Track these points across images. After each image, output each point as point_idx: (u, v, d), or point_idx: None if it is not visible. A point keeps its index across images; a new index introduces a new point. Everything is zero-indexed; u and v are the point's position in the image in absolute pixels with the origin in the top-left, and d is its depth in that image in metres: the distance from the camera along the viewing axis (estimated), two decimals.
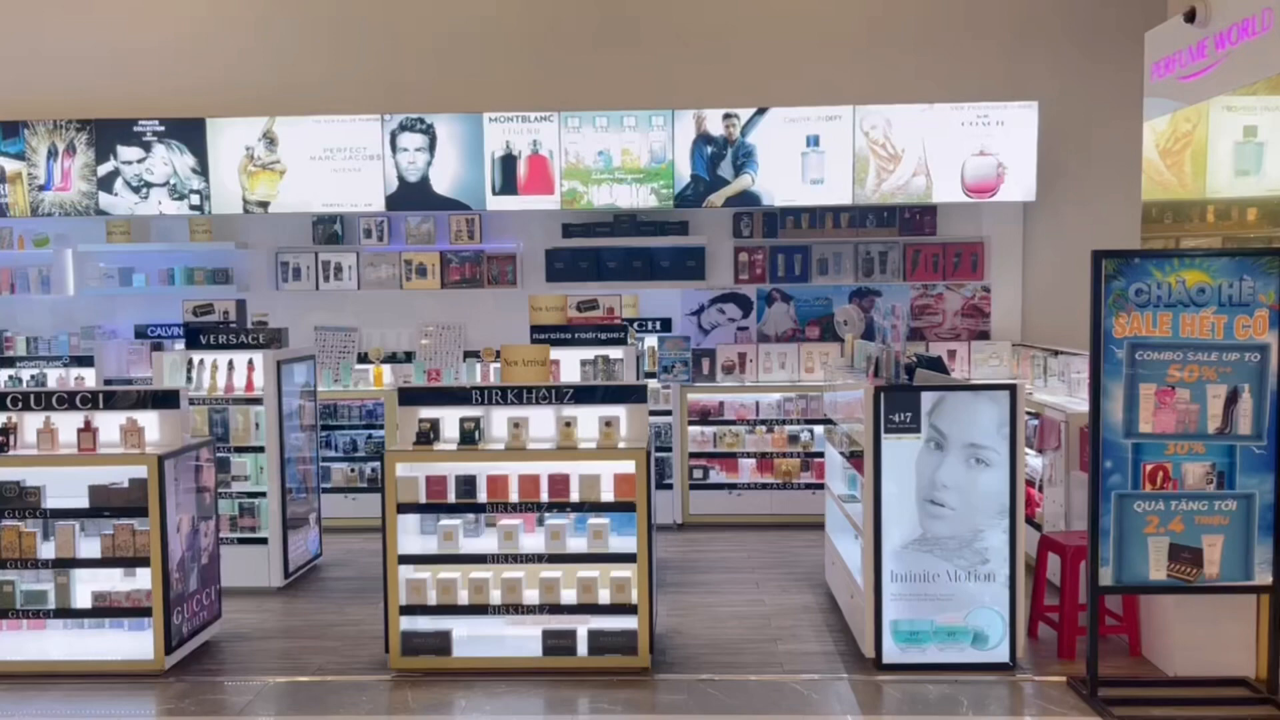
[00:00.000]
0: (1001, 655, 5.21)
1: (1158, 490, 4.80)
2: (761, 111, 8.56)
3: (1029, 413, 6.62)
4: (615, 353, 7.33)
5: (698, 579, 6.94)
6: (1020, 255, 9.00)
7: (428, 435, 5.40)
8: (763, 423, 8.56)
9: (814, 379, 8.63)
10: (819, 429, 8.41)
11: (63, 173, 8.75)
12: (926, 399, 5.12)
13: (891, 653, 5.23)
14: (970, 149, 8.51)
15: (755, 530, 8.27)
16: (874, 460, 5.17)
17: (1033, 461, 6.80)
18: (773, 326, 9.09)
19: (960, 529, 5.15)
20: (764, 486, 8.48)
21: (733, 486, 8.49)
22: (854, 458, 5.69)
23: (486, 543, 5.49)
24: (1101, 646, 5.02)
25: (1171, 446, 4.78)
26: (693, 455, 8.49)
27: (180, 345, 7.30)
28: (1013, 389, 5.13)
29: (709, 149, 8.58)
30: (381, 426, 8.62)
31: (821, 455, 8.11)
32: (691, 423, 8.52)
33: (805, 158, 8.55)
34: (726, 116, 8.55)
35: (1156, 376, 4.77)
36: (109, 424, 5.49)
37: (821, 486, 7.73)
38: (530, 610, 5.32)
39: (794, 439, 8.51)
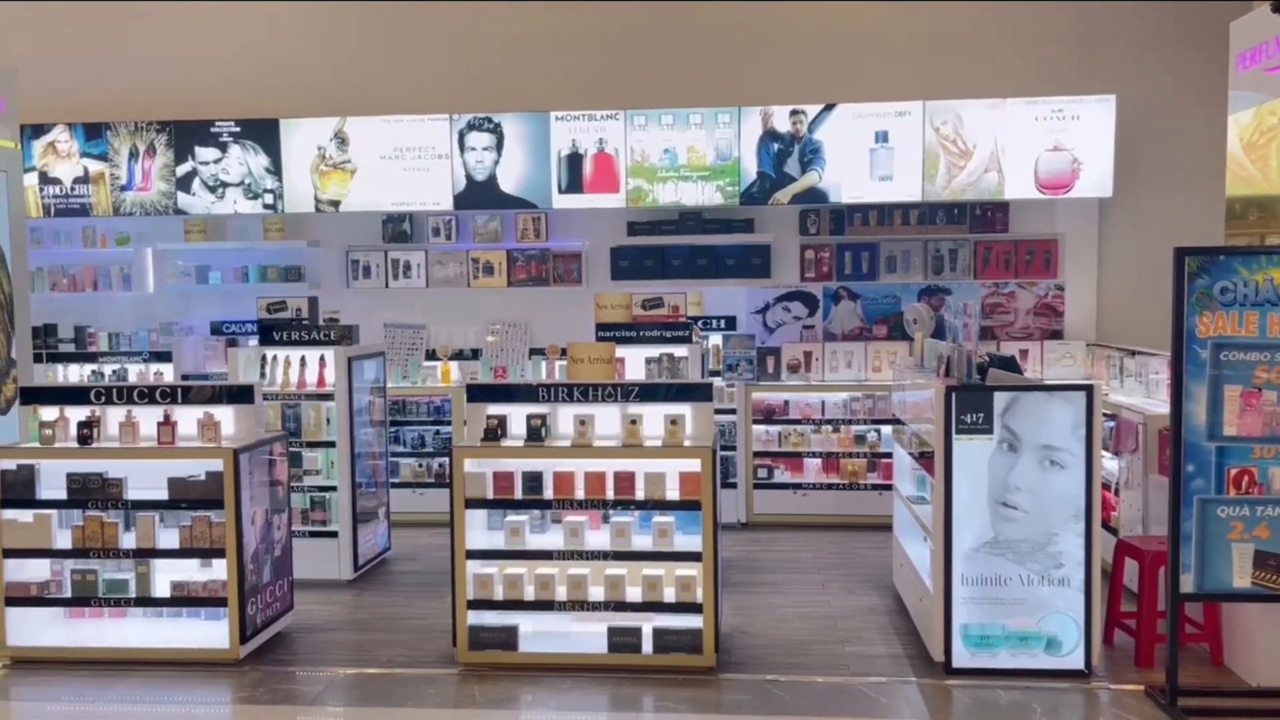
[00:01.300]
0: (1076, 662, 5.09)
1: (1242, 495, 4.64)
2: (829, 108, 8.47)
3: (1105, 414, 6.45)
4: (680, 351, 7.31)
5: (762, 579, 6.90)
6: (1096, 252, 8.78)
7: (495, 432, 5.45)
8: (828, 422, 8.47)
9: (881, 378, 8.52)
10: (886, 429, 8.30)
11: (143, 173, 9.01)
12: (999, 399, 5.02)
13: (961, 657, 5.14)
14: (1044, 144, 8.32)
15: (820, 531, 8.19)
16: (944, 461, 5.08)
17: (1109, 464, 6.63)
18: (839, 325, 8.99)
19: (1033, 532, 5.04)
20: (829, 487, 8.39)
21: (798, 486, 8.42)
22: (923, 458, 5.60)
23: (552, 539, 5.51)
24: (1181, 655, 4.87)
25: (1258, 450, 4.63)
26: (757, 454, 8.44)
27: (254, 341, 7.47)
28: (1089, 389, 5.00)
29: (775, 146, 8.51)
30: (449, 423, 8.72)
31: (889, 456, 8.00)
32: (756, 421, 8.47)
33: (874, 154, 8.44)
34: (794, 113, 8.48)
35: (1242, 378, 4.61)
36: (187, 418, 5.63)
37: (888, 487, 7.64)
38: (595, 607, 5.33)
39: (860, 439, 8.42)
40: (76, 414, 5.67)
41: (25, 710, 5.08)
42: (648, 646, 5.28)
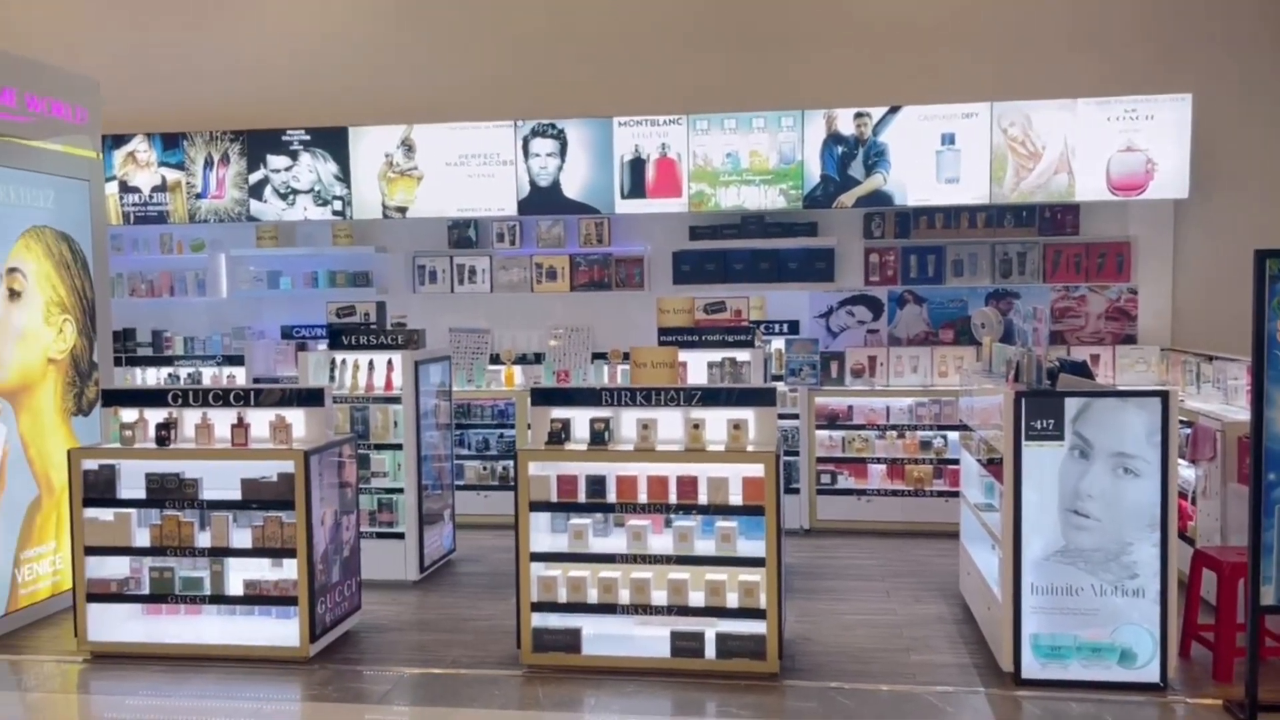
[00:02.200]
0: (1151, 675, 4.96)
1: None
2: (895, 110, 8.38)
3: (1182, 421, 6.28)
4: (742, 355, 7.29)
5: (826, 585, 6.84)
6: (1170, 255, 8.55)
7: (559, 435, 5.48)
8: (893, 428, 8.37)
9: (948, 383, 8.39)
10: (953, 435, 8.18)
11: (217, 181, 9.25)
12: (1071, 405, 4.92)
13: (1031, 668, 5.04)
14: (1116, 145, 8.14)
15: (885, 537, 8.09)
16: (1014, 468, 4.99)
17: (1185, 472, 6.45)
18: (904, 329, 8.89)
19: (1106, 541, 4.93)
20: (894, 493, 8.29)
21: (862, 492, 8.33)
22: (992, 465, 5.50)
23: (615, 542, 5.53)
24: (1261, 669, 4.71)
25: None
26: (820, 460, 8.37)
27: (324, 345, 7.61)
28: (1164, 395, 4.88)
29: (839, 149, 8.45)
30: (512, 426, 8.80)
31: (955, 462, 7.88)
32: (819, 427, 8.40)
33: (940, 156, 8.33)
34: (858, 116, 8.41)
35: None
36: (259, 420, 5.76)
37: (955, 494, 7.52)
38: (659, 611, 5.34)
39: (926, 445, 8.30)
40: (155, 416, 5.83)
41: (106, 703, 5.24)
42: (711, 651, 5.27)
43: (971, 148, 8.29)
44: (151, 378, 9.29)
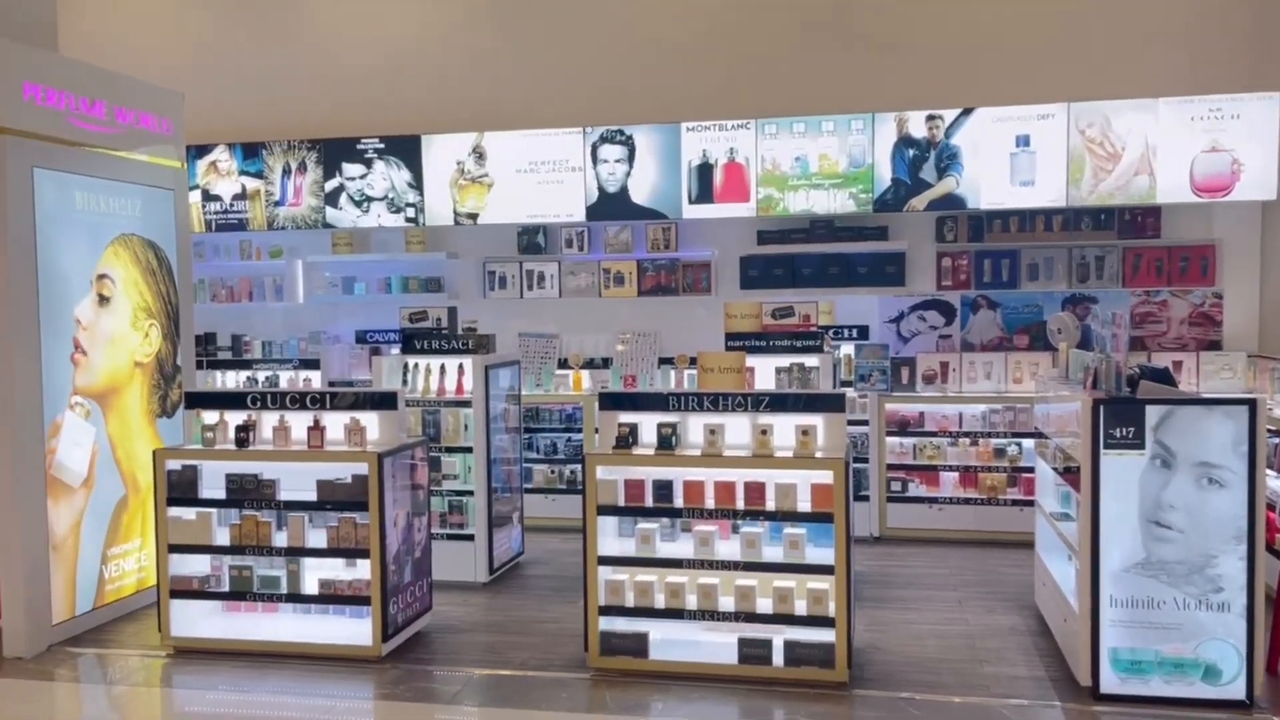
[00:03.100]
0: (1237, 692, 4.79)
1: None
2: (967, 112, 8.25)
3: (1270, 430, 6.06)
4: (811, 360, 7.23)
5: (896, 594, 6.75)
6: (1259, 258, 8.27)
7: (626, 440, 5.50)
8: (966, 435, 8.23)
9: (1023, 390, 8.22)
10: (1028, 442, 8.00)
11: (295, 189, 9.48)
12: (1152, 413, 4.78)
13: (1110, 683, 4.91)
14: (1200, 145, 7.90)
15: (957, 546, 7.96)
16: (1092, 477, 4.87)
17: (1274, 484, 6.22)
18: (978, 334, 8.73)
19: (1189, 553, 4.78)
20: (967, 501, 8.14)
21: (933, 500, 8.20)
22: (1068, 474, 5.38)
23: (682, 547, 5.53)
24: None
25: None
26: (891, 467, 8.26)
27: (397, 350, 7.74)
28: (1252, 403, 4.71)
29: (911, 152, 8.34)
30: (580, 430, 8.85)
31: (1030, 470, 7.73)
32: (889, 433, 8.29)
33: (1014, 158, 8.18)
34: (930, 118, 8.29)
35: None
36: (334, 423, 5.89)
37: (1030, 503, 7.37)
38: (725, 617, 5.32)
39: (1000, 452, 8.14)
40: (234, 418, 6.00)
41: (188, 697, 5.39)
42: (778, 659, 5.23)
43: (1047, 149, 8.13)
44: (231, 381, 9.54)
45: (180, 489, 5.90)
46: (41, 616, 5.97)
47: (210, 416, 6.03)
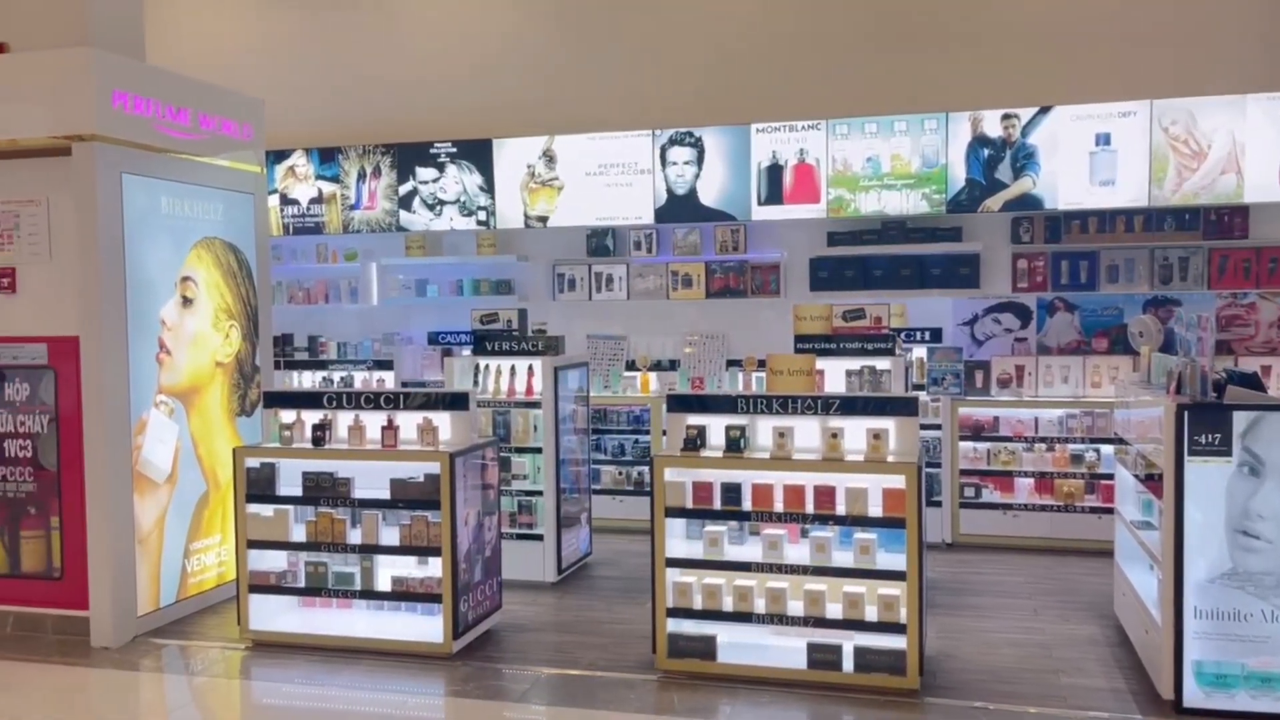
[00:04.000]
0: None
1: None
2: (1045, 110, 8.08)
3: None
4: (882, 363, 7.12)
5: (969, 601, 6.63)
6: None
7: (694, 442, 5.49)
8: (1042, 440, 8.05)
9: (1102, 394, 8.01)
10: (1107, 448, 7.80)
11: (369, 193, 9.66)
12: (1239, 419, 4.63)
13: (1194, 696, 4.76)
14: None
15: (1032, 554, 7.79)
16: (1175, 484, 4.73)
17: None
18: (1054, 337, 8.53)
19: (1279, 564, 4.61)
20: (1043, 508, 7.96)
21: (1008, 506, 8.03)
22: (1150, 481, 5.23)
23: (751, 550, 5.50)
24: None
25: None
26: (964, 472, 8.11)
27: (468, 351, 7.84)
28: None
29: (985, 151, 8.20)
30: (647, 432, 8.86)
31: (1110, 477, 7.53)
32: (963, 438, 8.15)
33: (1094, 157, 7.98)
34: (1005, 117, 8.14)
35: None
36: (407, 423, 5.98)
37: (1109, 510, 7.18)
38: (794, 621, 5.28)
39: (1077, 458, 7.94)
40: (311, 417, 6.13)
41: (265, 689, 5.53)
42: (848, 665, 5.17)
43: (1129, 148, 7.92)
44: (307, 381, 9.76)
45: (259, 486, 6.04)
46: (127, 608, 6.17)
47: (288, 415, 6.17)
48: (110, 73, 6.10)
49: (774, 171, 8.64)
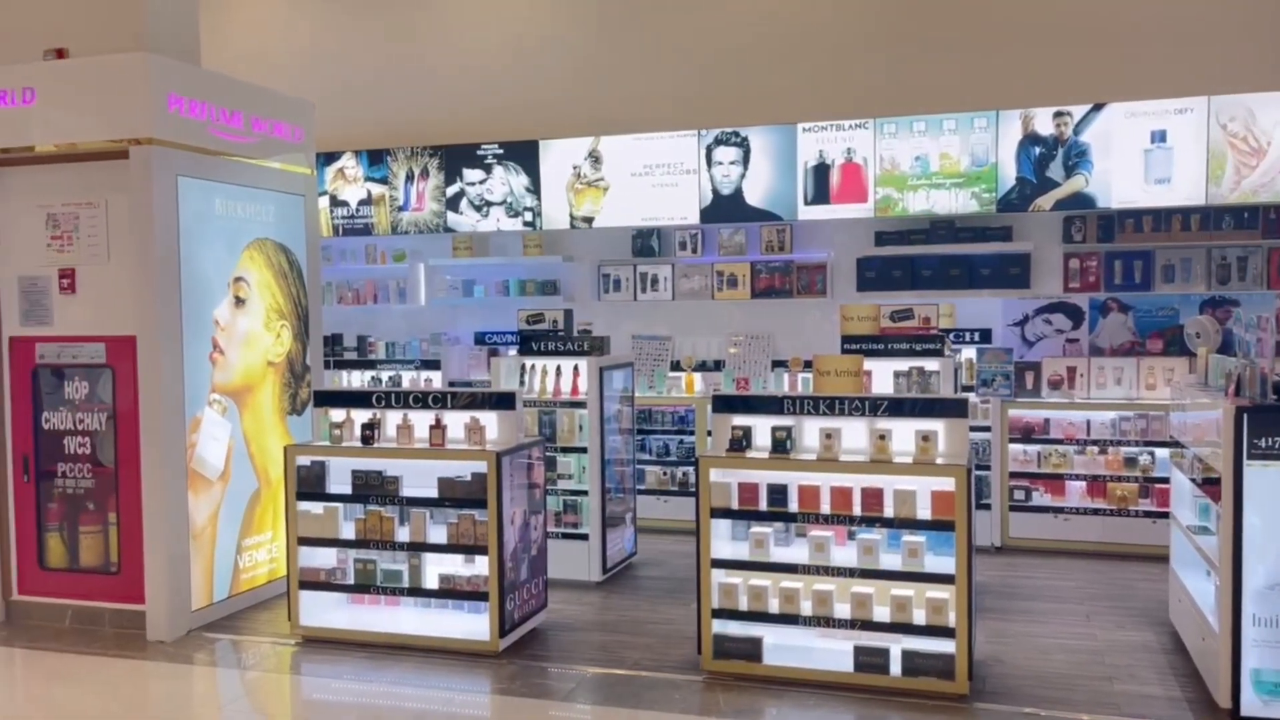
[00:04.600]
0: None
1: None
2: (1098, 107, 7.94)
3: None
4: (931, 364, 7.06)
5: (1019, 606, 6.53)
6: None
7: (740, 443, 5.47)
8: (1094, 443, 7.91)
9: (1156, 396, 7.86)
10: (1162, 451, 7.65)
11: (417, 194, 9.76)
12: None
13: (1252, 705, 4.65)
14: None
15: (1084, 558, 7.66)
16: (1234, 489, 4.62)
17: None
18: (1107, 338, 8.38)
19: None
20: (1095, 512, 7.83)
21: (1059, 510, 7.91)
22: (1207, 485, 5.12)
23: (797, 552, 5.47)
24: None
25: None
26: (1014, 475, 8.00)
27: (514, 351, 7.88)
28: None
29: (1037, 150, 8.08)
30: (692, 432, 8.85)
31: (1165, 480, 7.37)
32: (1013, 440, 8.04)
33: (1149, 155, 7.83)
34: (1057, 114, 8.01)
35: None
36: (455, 422, 6.03)
37: (1164, 515, 7.05)
38: (841, 624, 5.24)
39: (1131, 461, 7.80)
40: (360, 416, 6.20)
41: (316, 685, 5.60)
42: (896, 668, 5.13)
43: (1185, 145, 7.76)
44: (356, 380, 9.87)
45: (309, 484, 6.13)
46: (182, 603, 6.29)
47: (337, 414, 6.25)
48: (166, 77, 6.22)
49: (820, 171, 8.59)
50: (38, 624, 6.50)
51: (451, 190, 9.62)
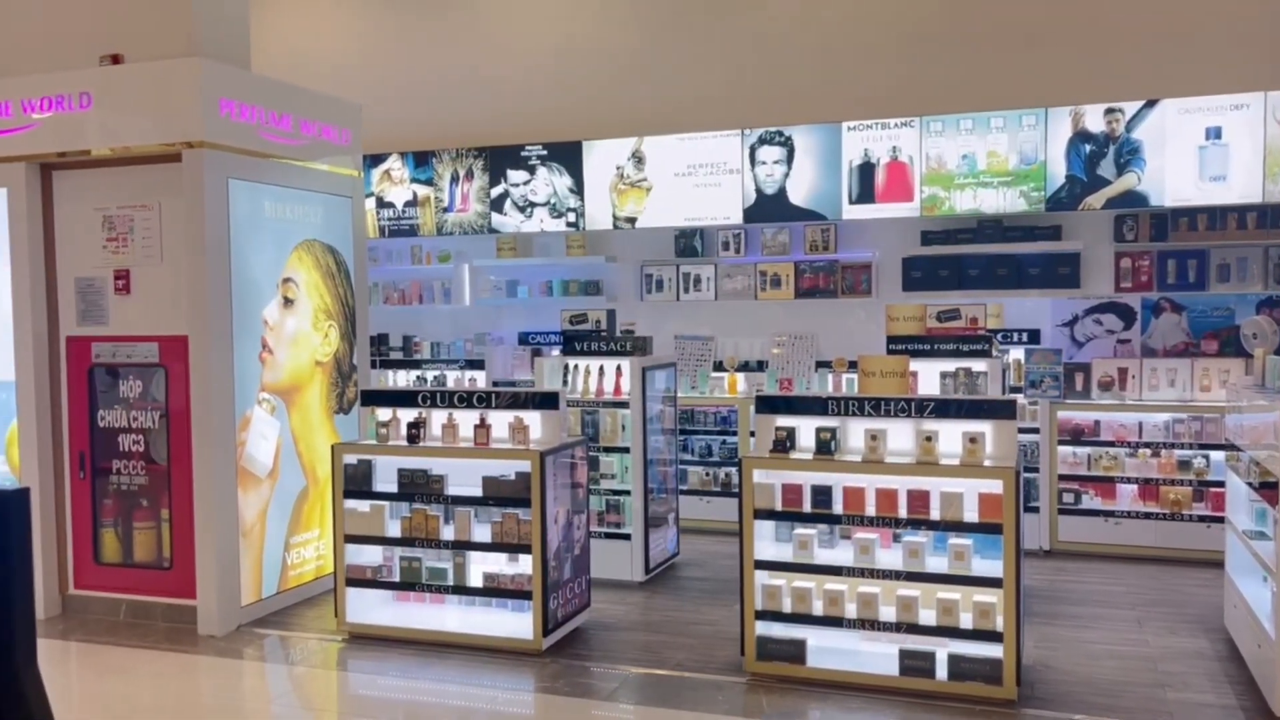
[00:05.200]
0: None
1: None
2: (1151, 104, 7.80)
3: None
4: (978, 365, 6.96)
5: (1068, 611, 6.43)
6: None
7: (784, 444, 5.44)
8: (1146, 445, 7.76)
9: (1211, 398, 7.70)
10: (1216, 455, 7.49)
11: (462, 196, 9.83)
12: None
13: None
14: None
15: (1135, 563, 7.52)
16: None
17: None
18: (1160, 339, 8.22)
19: None
20: (1147, 516, 7.68)
21: (1109, 514, 7.77)
22: (1264, 489, 5.00)
23: (841, 554, 5.43)
24: None
25: None
26: (1063, 477, 7.87)
27: (557, 351, 7.91)
28: None
29: (1087, 147, 7.94)
30: (735, 433, 8.82)
31: (1220, 484, 7.22)
32: (1062, 442, 7.91)
33: (1203, 152, 7.67)
34: (1109, 111, 7.88)
35: None
36: (499, 421, 6.07)
37: (1219, 519, 6.91)
38: (886, 627, 5.19)
39: (1185, 465, 7.64)
40: (406, 415, 6.26)
41: (362, 681, 5.67)
42: (942, 672, 5.07)
43: (1241, 142, 7.59)
44: (402, 380, 9.97)
45: (356, 482, 6.19)
46: (232, 598, 6.39)
47: (384, 413, 6.32)
48: (218, 82, 6.32)
49: (866, 170, 8.52)
50: (94, 617, 6.65)
51: (496, 191, 9.68)
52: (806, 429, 5.49)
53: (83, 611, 6.72)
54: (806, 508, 5.36)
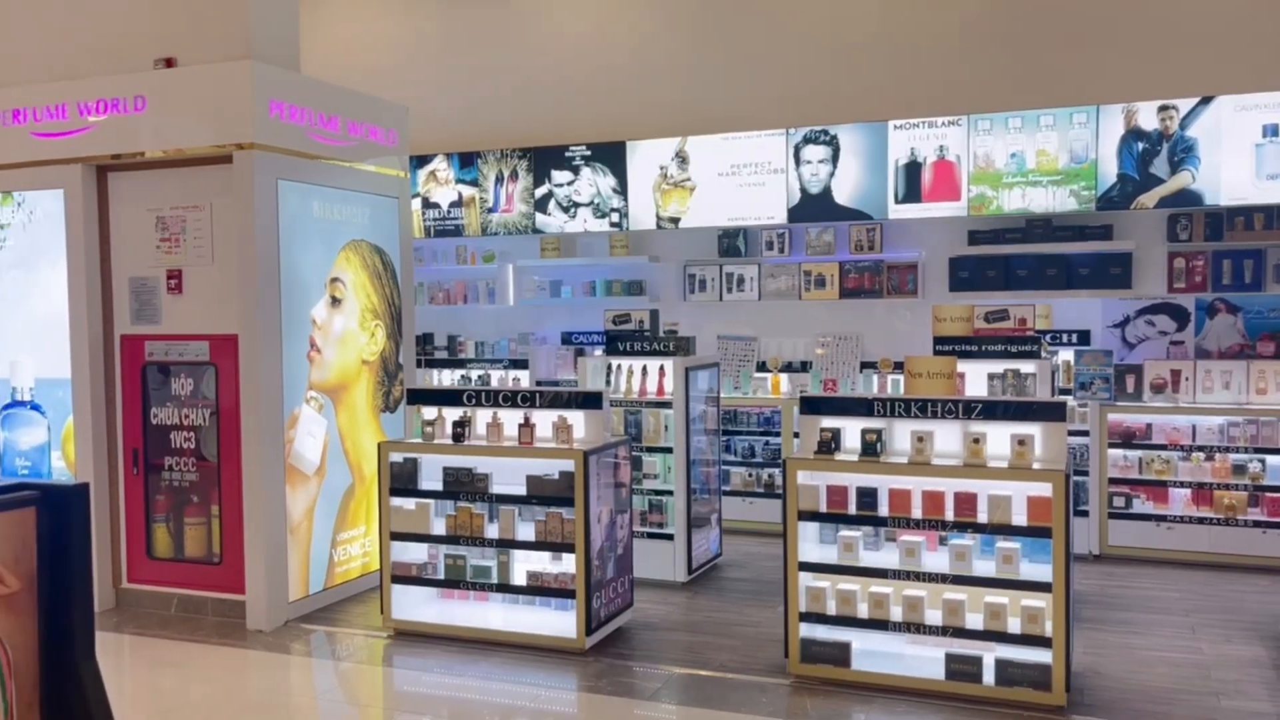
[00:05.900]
0: None
1: None
2: (1206, 100, 7.64)
3: None
4: (1027, 367, 6.86)
5: (1119, 616, 6.32)
6: None
7: (828, 445, 5.41)
8: (1200, 449, 7.61)
9: (1267, 401, 7.53)
10: (1273, 459, 7.32)
11: (506, 196, 9.88)
12: None
13: None
14: None
15: (1188, 569, 7.37)
16: None
17: None
18: (1214, 341, 8.05)
19: None
20: (1200, 521, 7.53)
21: (1161, 518, 7.63)
22: None
23: (886, 557, 5.38)
24: None
25: None
26: (1113, 481, 7.74)
27: (600, 351, 7.92)
28: None
29: (1139, 145, 7.80)
30: (778, 434, 8.78)
31: (1276, 489, 7.07)
32: (1112, 445, 7.78)
33: (1261, 150, 7.50)
34: (1162, 109, 7.73)
35: None
36: (543, 420, 6.09)
37: (1275, 524, 6.76)
38: (932, 631, 5.14)
39: (1240, 469, 7.48)
40: (451, 414, 6.30)
41: (407, 677, 5.72)
42: (989, 678, 5.01)
43: None
44: (447, 379, 10.04)
45: (401, 480, 6.25)
46: (280, 594, 6.48)
47: (429, 412, 6.37)
48: (268, 84, 6.41)
49: (912, 169, 8.43)
50: (146, 611, 6.77)
51: (540, 192, 9.72)
52: (852, 430, 5.45)
53: (135, 605, 6.85)
54: (851, 510, 5.32)
